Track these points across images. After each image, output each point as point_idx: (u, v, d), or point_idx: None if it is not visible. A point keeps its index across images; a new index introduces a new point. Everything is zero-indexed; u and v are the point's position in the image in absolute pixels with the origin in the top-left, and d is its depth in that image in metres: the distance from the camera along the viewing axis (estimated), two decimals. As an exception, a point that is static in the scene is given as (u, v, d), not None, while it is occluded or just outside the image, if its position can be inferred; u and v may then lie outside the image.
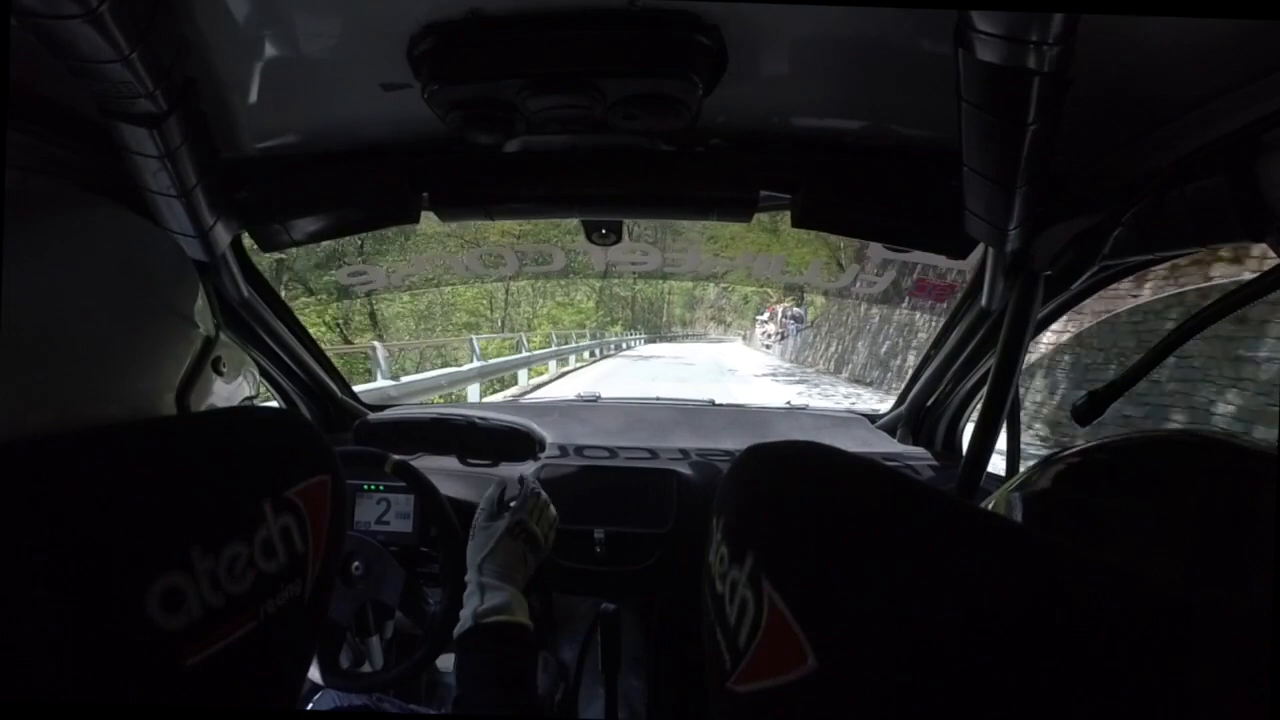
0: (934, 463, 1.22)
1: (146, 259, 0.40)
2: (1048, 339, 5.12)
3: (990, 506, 0.39)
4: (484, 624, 0.71)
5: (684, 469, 1.18)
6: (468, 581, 0.78)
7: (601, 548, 1.10)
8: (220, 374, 0.44)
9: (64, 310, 0.34)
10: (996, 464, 0.83)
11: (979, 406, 0.86)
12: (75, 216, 0.36)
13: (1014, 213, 0.65)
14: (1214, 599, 0.21)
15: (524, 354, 11.58)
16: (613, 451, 1.25)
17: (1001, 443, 0.84)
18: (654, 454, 1.25)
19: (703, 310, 43.38)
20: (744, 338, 34.34)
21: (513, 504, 0.86)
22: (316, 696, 0.99)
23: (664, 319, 40.53)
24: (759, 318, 27.91)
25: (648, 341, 29.64)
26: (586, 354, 17.21)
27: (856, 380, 13.12)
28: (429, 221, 0.94)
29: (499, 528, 0.81)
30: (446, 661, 1.15)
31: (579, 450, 1.25)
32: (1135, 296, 4.47)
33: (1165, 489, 0.33)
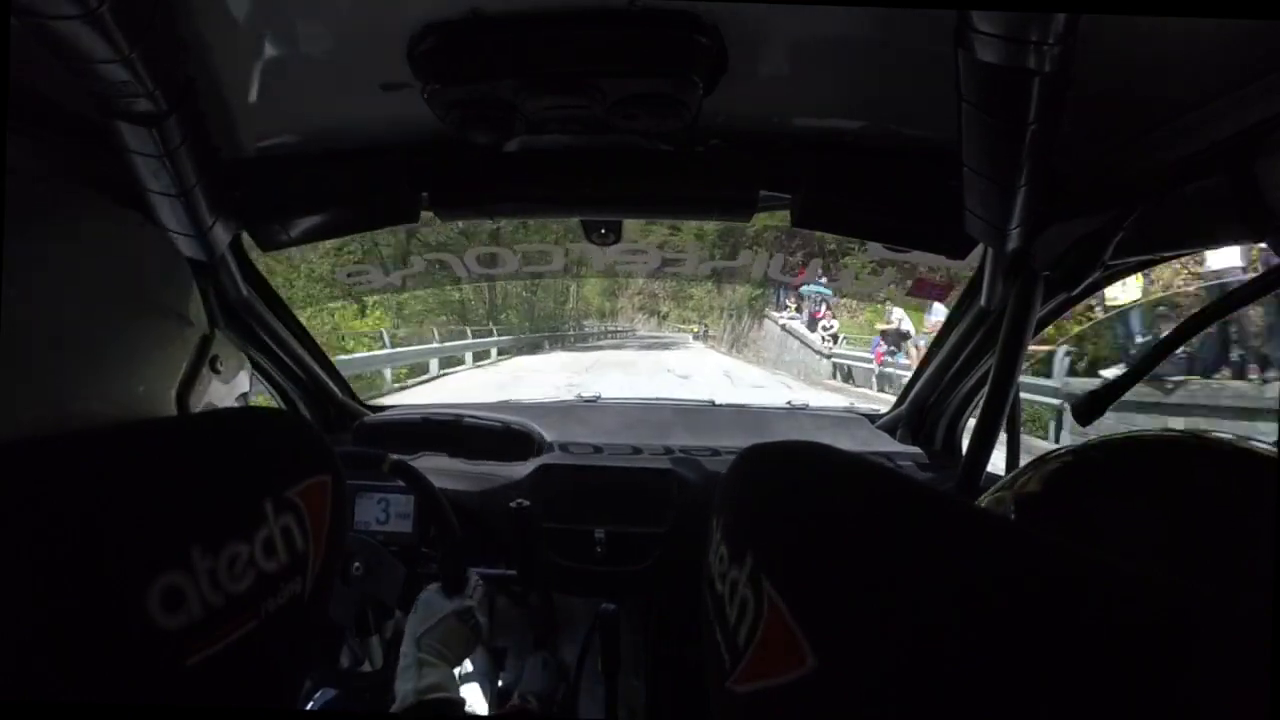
0: (932, 463, 1.22)
1: (139, 257, 0.40)
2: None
3: (983, 505, 0.39)
4: (426, 700, 0.72)
5: (683, 469, 1.18)
6: (403, 654, 0.78)
7: (601, 547, 1.10)
8: (218, 373, 0.44)
9: (57, 310, 0.34)
10: (996, 464, 0.83)
11: (979, 406, 0.86)
12: (68, 216, 0.36)
13: (1014, 213, 0.65)
14: (1215, 599, 0.21)
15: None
16: (612, 451, 1.25)
17: (1001, 442, 0.84)
18: (653, 454, 1.25)
19: (627, 298, 27.93)
20: (702, 336, 21.76)
21: (471, 595, 0.86)
22: (317, 695, 0.99)
23: (570, 308, 24.68)
24: (796, 291, 12.04)
25: (526, 350, 15.38)
26: None
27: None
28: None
29: (447, 607, 0.82)
30: None
31: (579, 450, 1.25)
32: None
33: (1158, 489, 0.32)
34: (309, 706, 0.96)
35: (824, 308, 12.19)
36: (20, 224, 0.33)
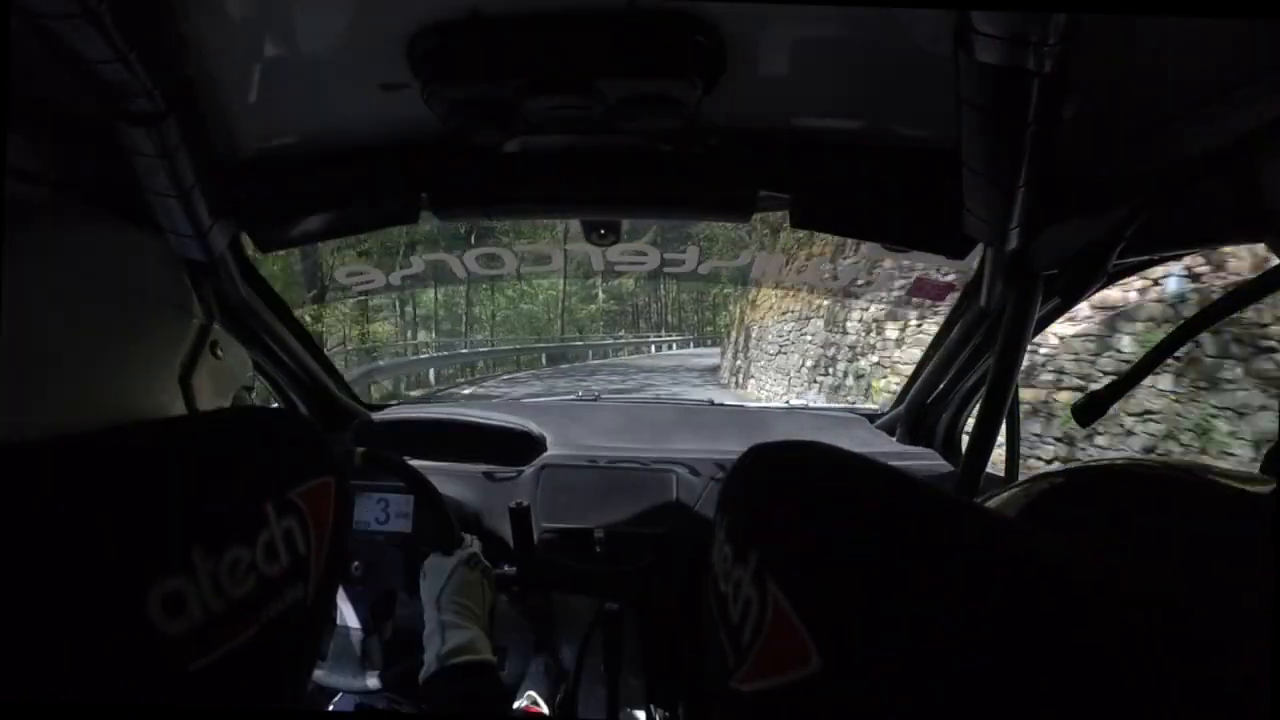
0: (932, 463, 1.22)
1: (135, 256, 0.40)
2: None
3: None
4: (450, 665, 0.66)
5: (683, 468, 1.18)
6: (426, 620, 0.73)
7: (601, 547, 1.10)
8: (218, 357, 0.45)
9: (64, 314, 0.34)
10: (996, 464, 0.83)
11: (979, 406, 0.86)
12: (65, 226, 0.37)
13: (1014, 213, 0.65)
14: (1216, 606, 0.21)
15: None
16: (612, 451, 1.25)
17: (1001, 442, 0.84)
18: (654, 454, 1.25)
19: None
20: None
21: (471, 544, 0.84)
22: (337, 698, 0.99)
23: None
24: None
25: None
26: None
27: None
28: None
29: (452, 561, 0.78)
30: None
31: (579, 450, 1.25)
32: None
33: (1141, 526, 0.32)
34: (329, 708, 0.96)
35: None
36: (20, 232, 0.33)
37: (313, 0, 0.61)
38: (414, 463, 1.04)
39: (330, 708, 0.96)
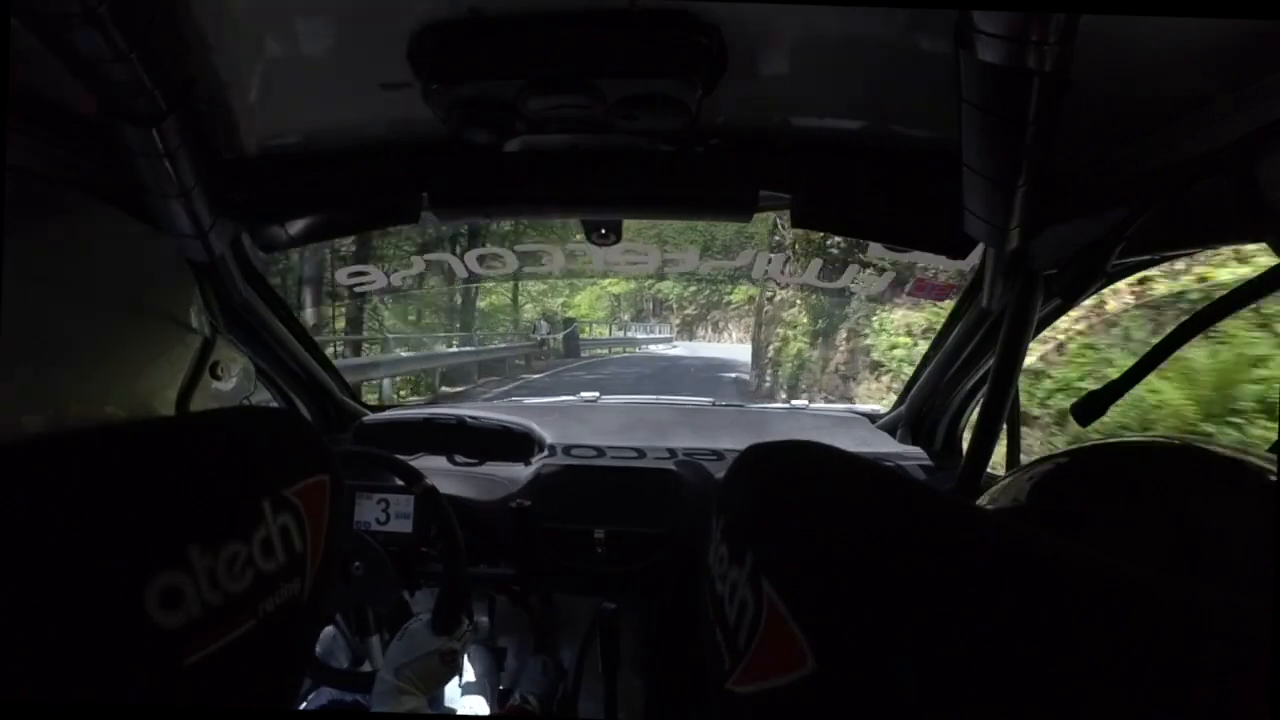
0: (933, 463, 1.22)
1: (142, 263, 0.40)
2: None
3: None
4: None
5: (682, 469, 1.18)
6: (380, 680, 0.81)
7: (601, 547, 1.10)
8: (218, 378, 0.44)
9: (60, 313, 0.34)
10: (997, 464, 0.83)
11: (979, 407, 0.86)
12: (73, 221, 0.37)
13: (1014, 213, 0.65)
14: (1218, 600, 0.21)
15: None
16: (612, 452, 1.25)
17: (1002, 443, 0.84)
18: (653, 454, 1.25)
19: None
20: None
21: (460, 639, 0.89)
22: (311, 696, 0.99)
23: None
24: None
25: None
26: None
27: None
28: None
29: (433, 645, 0.85)
30: None
31: (578, 450, 1.25)
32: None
33: (1147, 497, 0.32)
34: (303, 705, 0.96)
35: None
36: (22, 226, 0.33)
37: (313, 0, 0.61)
38: (414, 462, 1.04)
39: (304, 705, 0.96)
